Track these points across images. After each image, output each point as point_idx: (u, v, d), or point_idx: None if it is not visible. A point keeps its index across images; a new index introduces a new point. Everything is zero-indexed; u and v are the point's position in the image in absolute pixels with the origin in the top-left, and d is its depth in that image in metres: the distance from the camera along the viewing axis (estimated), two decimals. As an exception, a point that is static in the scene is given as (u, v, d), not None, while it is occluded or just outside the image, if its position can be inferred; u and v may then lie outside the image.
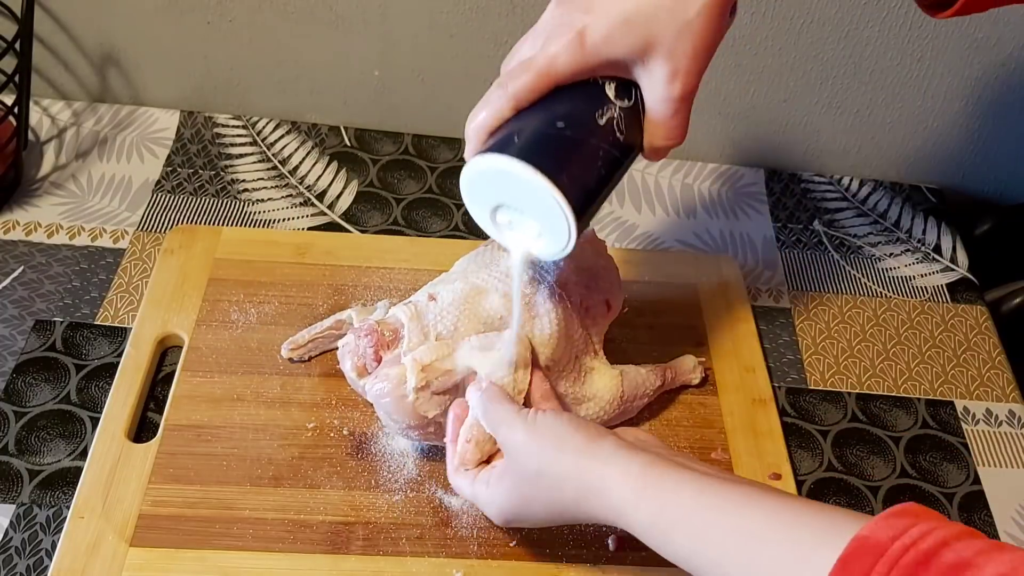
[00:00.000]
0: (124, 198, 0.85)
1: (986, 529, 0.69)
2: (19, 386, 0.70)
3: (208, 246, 0.78)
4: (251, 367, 0.70)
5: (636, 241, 0.87)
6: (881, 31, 0.87)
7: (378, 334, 0.62)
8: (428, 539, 0.63)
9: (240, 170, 0.89)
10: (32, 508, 0.64)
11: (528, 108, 0.53)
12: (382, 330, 0.62)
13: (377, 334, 0.62)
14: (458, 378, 0.61)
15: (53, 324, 0.74)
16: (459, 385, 0.61)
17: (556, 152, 0.51)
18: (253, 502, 0.63)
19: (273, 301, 0.75)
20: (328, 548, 0.61)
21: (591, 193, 0.53)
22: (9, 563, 0.61)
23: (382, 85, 0.93)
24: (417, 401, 0.60)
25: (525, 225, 0.55)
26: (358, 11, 0.87)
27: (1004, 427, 0.76)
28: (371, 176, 0.91)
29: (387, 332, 0.62)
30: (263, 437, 0.66)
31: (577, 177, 0.51)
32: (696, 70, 0.52)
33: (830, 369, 0.79)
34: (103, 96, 0.94)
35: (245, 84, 0.93)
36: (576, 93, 0.53)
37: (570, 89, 0.53)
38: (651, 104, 0.54)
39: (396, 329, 0.62)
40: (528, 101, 0.53)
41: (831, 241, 0.90)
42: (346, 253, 0.79)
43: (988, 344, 0.82)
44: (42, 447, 0.67)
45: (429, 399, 0.60)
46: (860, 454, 0.73)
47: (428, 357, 0.60)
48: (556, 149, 0.51)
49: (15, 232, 0.80)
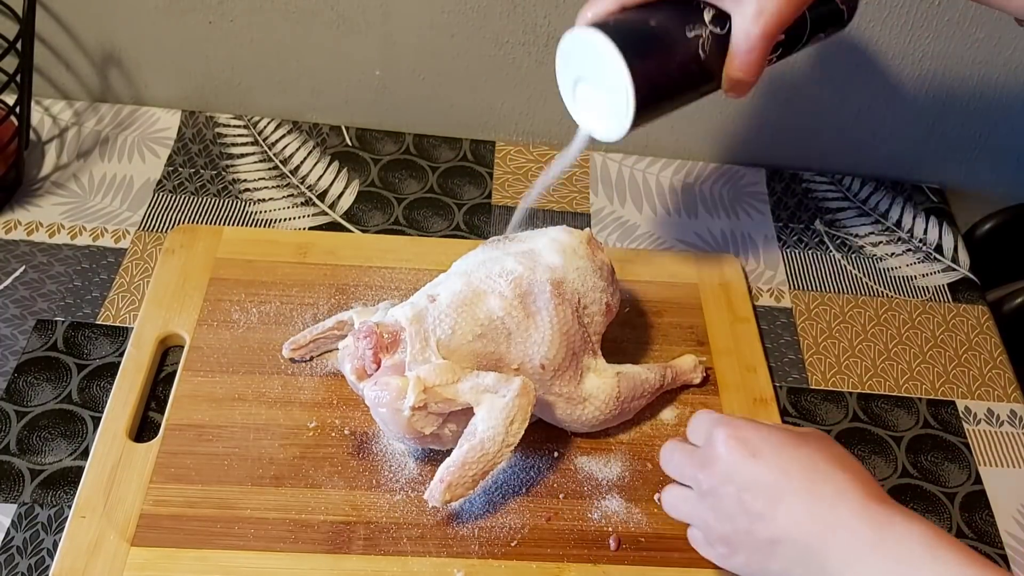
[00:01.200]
0: (125, 198, 0.85)
1: (987, 529, 0.69)
2: (20, 386, 0.70)
3: (209, 246, 0.78)
4: (252, 367, 0.71)
5: (637, 241, 0.87)
6: (883, 30, 0.86)
7: (377, 336, 0.62)
8: (429, 538, 0.63)
9: (241, 170, 0.89)
10: (33, 508, 0.64)
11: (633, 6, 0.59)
12: (381, 332, 0.62)
13: (376, 336, 0.62)
14: (457, 408, 0.61)
15: (54, 324, 0.74)
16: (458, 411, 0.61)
17: (639, 42, 0.57)
18: (254, 502, 0.63)
19: (274, 301, 0.75)
20: (329, 548, 0.61)
21: (658, 89, 0.58)
22: (11, 562, 0.61)
23: (383, 85, 0.93)
24: (413, 418, 0.60)
25: (596, 101, 0.60)
26: (359, 11, 0.87)
27: (1005, 427, 0.76)
28: (372, 176, 0.91)
29: (386, 335, 0.62)
30: (264, 437, 0.67)
31: (650, 69, 0.57)
32: (778, 14, 0.58)
33: (831, 369, 0.79)
34: (104, 96, 0.94)
35: (246, 84, 0.93)
36: (677, 4, 0.59)
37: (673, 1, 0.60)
38: (735, 35, 0.59)
39: (396, 332, 0.62)
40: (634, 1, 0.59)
41: (832, 241, 0.90)
42: (347, 253, 0.79)
43: (989, 344, 0.82)
44: (43, 447, 0.67)
45: (425, 417, 0.60)
46: (861, 454, 0.73)
47: (433, 379, 0.60)
48: (639, 39, 0.57)
49: (16, 232, 0.80)
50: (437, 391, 0.60)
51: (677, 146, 0.97)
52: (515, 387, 0.61)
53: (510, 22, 0.87)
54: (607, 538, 0.64)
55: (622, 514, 0.65)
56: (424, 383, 0.59)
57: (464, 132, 0.96)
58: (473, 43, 0.89)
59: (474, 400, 0.61)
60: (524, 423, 0.61)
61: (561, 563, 0.62)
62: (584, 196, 0.91)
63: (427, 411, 0.60)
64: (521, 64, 0.91)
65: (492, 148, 0.95)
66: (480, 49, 0.89)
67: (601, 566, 0.62)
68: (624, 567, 0.63)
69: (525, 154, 0.95)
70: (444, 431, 0.62)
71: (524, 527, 0.64)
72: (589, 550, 0.63)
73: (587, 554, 0.63)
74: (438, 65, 0.91)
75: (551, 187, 0.60)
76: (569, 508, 0.65)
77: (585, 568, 0.62)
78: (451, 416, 0.61)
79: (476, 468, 0.60)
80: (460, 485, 0.60)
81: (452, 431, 0.62)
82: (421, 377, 0.60)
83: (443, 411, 0.61)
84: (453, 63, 0.91)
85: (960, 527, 0.69)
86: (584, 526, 0.64)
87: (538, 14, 0.87)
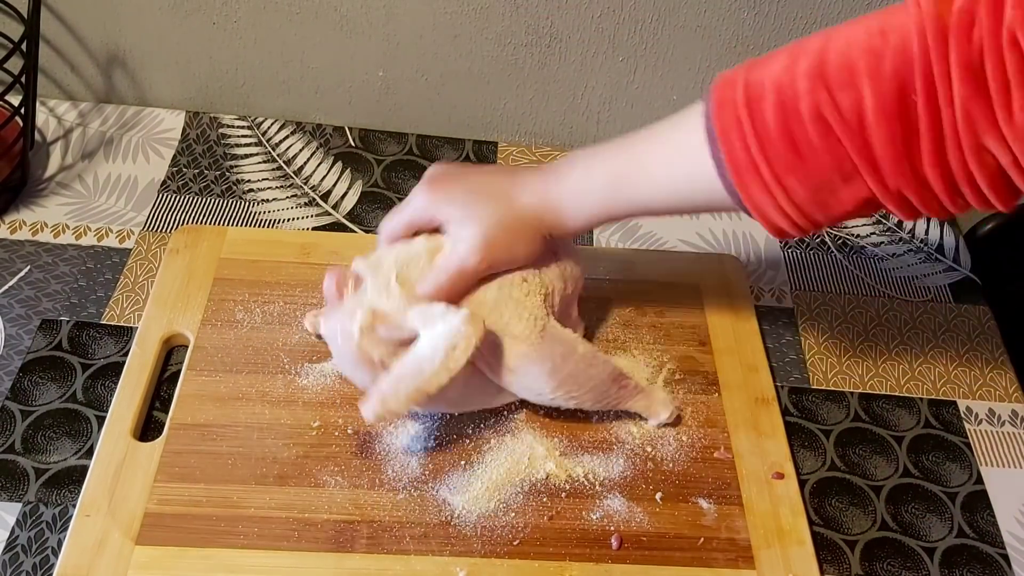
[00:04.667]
0: (130, 198, 0.85)
1: (989, 529, 0.69)
2: (26, 385, 0.70)
3: (213, 246, 0.78)
4: (256, 366, 0.71)
5: (639, 241, 0.88)
6: (884, 31, 0.87)
7: (339, 274, 0.65)
8: (432, 537, 0.63)
9: (245, 170, 0.89)
10: (38, 506, 0.64)
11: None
12: (346, 273, 0.65)
13: (339, 274, 0.65)
14: (404, 335, 0.61)
15: (59, 323, 0.74)
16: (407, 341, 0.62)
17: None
18: (258, 501, 0.63)
19: (278, 301, 0.75)
20: (332, 546, 0.62)
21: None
22: (15, 561, 0.61)
23: (386, 85, 0.93)
24: (363, 340, 0.61)
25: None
26: (363, 12, 0.87)
27: (1007, 427, 0.76)
28: (375, 176, 0.91)
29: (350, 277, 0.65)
30: (268, 436, 0.67)
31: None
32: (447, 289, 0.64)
33: (833, 369, 0.79)
34: (109, 97, 0.95)
35: (250, 84, 0.93)
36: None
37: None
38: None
39: (360, 277, 0.65)
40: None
41: (834, 241, 0.90)
42: (351, 253, 0.79)
43: (991, 344, 0.82)
44: (48, 446, 0.67)
45: (375, 342, 0.61)
46: (863, 454, 0.73)
47: (383, 306, 0.61)
48: None
49: (22, 232, 0.81)
50: (385, 315, 0.61)
51: (679, 146, 0.97)
52: (462, 314, 0.60)
53: (512, 23, 0.87)
54: (609, 537, 0.64)
55: (624, 513, 0.65)
56: (372, 308, 0.61)
57: (467, 133, 0.96)
58: (476, 44, 0.89)
59: (422, 325, 0.61)
60: (467, 352, 0.60)
61: (563, 562, 0.63)
62: (586, 196, 0.91)
63: (377, 336, 0.61)
64: (523, 65, 0.91)
65: (494, 149, 0.95)
66: (483, 50, 0.90)
67: (603, 565, 0.63)
68: (626, 566, 0.63)
69: (527, 155, 0.95)
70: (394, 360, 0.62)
71: (526, 526, 0.64)
72: (591, 549, 0.63)
73: (589, 553, 0.63)
74: (441, 66, 0.91)
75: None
76: (571, 507, 0.65)
77: (587, 567, 0.62)
78: (401, 350, 0.62)
79: (410, 384, 0.59)
80: (393, 400, 0.59)
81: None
82: (374, 304, 0.61)
83: (392, 337, 0.61)
84: (456, 64, 0.91)
85: (961, 527, 0.69)
86: (586, 525, 0.65)
87: (540, 15, 0.87)
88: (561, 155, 0.95)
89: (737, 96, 0.55)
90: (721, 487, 0.68)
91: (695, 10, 0.86)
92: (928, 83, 0.49)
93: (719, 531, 0.65)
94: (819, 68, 0.52)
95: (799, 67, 0.53)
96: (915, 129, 0.50)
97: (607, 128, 0.95)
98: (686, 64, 0.90)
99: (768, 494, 0.67)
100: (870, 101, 0.51)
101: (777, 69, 0.54)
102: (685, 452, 0.69)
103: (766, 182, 0.55)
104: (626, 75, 0.91)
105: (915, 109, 0.50)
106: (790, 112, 0.53)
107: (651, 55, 0.89)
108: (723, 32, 0.87)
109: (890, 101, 0.50)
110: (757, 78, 0.55)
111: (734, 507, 0.66)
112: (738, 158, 0.55)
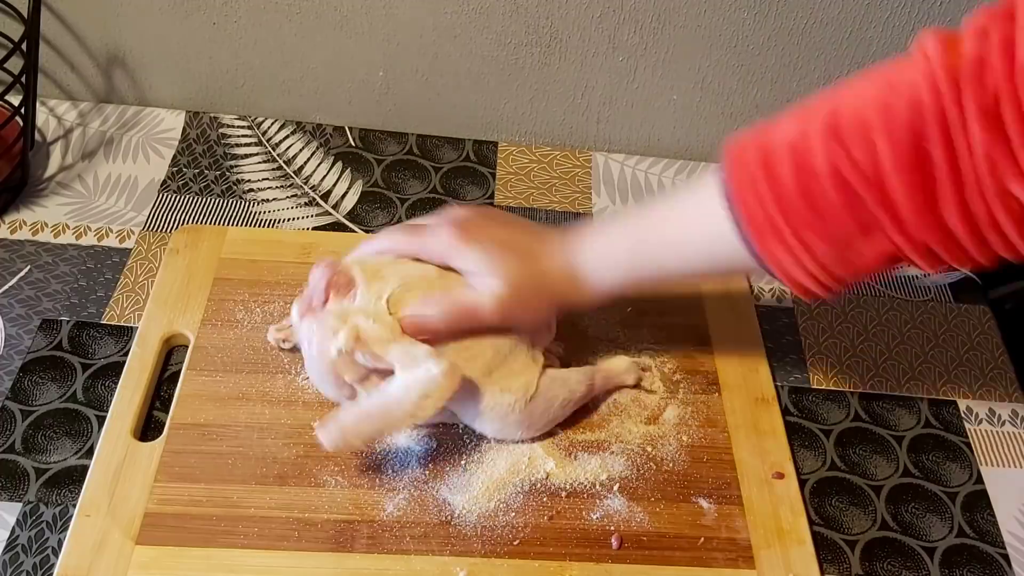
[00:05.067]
0: (130, 198, 0.85)
1: (989, 529, 0.69)
2: (26, 385, 0.70)
3: (213, 246, 0.78)
4: (256, 366, 0.71)
5: (639, 241, 0.88)
6: (884, 31, 0.87)
7: (333, 273, 0.62)
8: (432, 537, 0.63)
9: (245, 170, 0.89)
10: (39, 506, 0.64)
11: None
12: (339, 272, 0.62)
13: (332, 272, 0.62)
14: (383, 366, 0.60)
15: (59, 323, 0.74)
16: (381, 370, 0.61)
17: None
18: (258, 500, 0.63)
19: (278, 301, 0.75)
20: (333, 546, 0.62)
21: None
22: (16, 561, 0.61)
23: (386, 85, 0.93)
24: (338, 360, 0.60)
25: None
26: (363, 12, 0.87)
27: (1007, 427, 0.76)
28: (376, 176, 0.91)
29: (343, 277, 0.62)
30: (268, 436, 0.67)
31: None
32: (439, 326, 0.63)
33: (833, 368, 0.79)
34: (109, 97, 0.95)
35: (250, 84, 0.93)
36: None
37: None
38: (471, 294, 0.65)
39: (352, 280, 0.62)
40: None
41: (834, 241, 0.90)
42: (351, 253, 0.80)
43: (991, 344, 0.82)
44: (48, 445, 0.67)
45: (350, 364, 0.60)
46: (863, 453, 0.73)
47: (368, 332, 0.60)
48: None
49: (22, 232, 0.81)
50: (369, 344, 0.59)
51: (679, 146, 0.97)
52: (442, 366, 0.59)
53: (513, 23, 0.87)
54: (609, 537, 0.64)
55: (624, 513, 0.65)
56: (359, 332, 0.59)
57: (467, 132, 0.96)
58: (476, 44, 0.89)
59: (400, 364, 0.60)
60: (438, 403, 0.59)
61: (563, 562, 0.63)
62: (586, 196, 0.91)
63: (352, 359, 0.60)
64: (524, 65, 0.91)
65: (495, 148, 0.95)
66: (483, 50, 0.90)
67: (603, 565, 0.63)
68: (626, 566, 0.63)
69: (528, 154, 0.95)
70: (364, 385, 0.62)
71: (526, 526, 0.64)
72: (591, 549, 0.63)
73: (589, 553, 0.63)
74: (441, 66, 0.91)
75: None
76: (571, 507, 0.65)
77: (587, 567, 0.62)
78: (374, 375, 0.61)
79: (373, 425, 0.60)
80: (353, 435, 0.60)
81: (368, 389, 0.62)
82: (358, 326, 0.60)
83: (368, 364, 0.60)
84: (456, 64, 0.91)
85: (962, 527, 0.69)
86: (586, 525, 0.65)
87: (540, 14, 0.87)
88: (561, 155, 0.95)
89: (751, 157, 0.56)
90: (721, 487, 0.68)
91: (695, 10, 0.86)
92: (944, 131, 0.49)
93: (719, 531, 0.65)
94: (832, 126, 0.53)
95: (811, 126, 0.54)
96: (934, 178, 0.50)
97: (607, 128, 0.95)
98: (686, 64, 0.90)
99: (768, 494, 0.67)
100: (886, 154, 0.51)
101: (789, 129, 0.55)
102: (685, 452, 0.69)
103: (786, 241, 0.55)
104: (626, 75, 0.91)
105: (931, 159, 0.50)
106: (806, 170, 0.54)
107: (651, 55, 0.89)
108: (723, 32, 0.87)
109: (906, 152, 0.50)
110: (770, 139, 0.56)
111: (734, 507, 0.66)
112: (757, 218, 0.56)
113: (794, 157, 0.54)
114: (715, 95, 0.92)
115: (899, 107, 0.51)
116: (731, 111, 0.94)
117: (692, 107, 0.94)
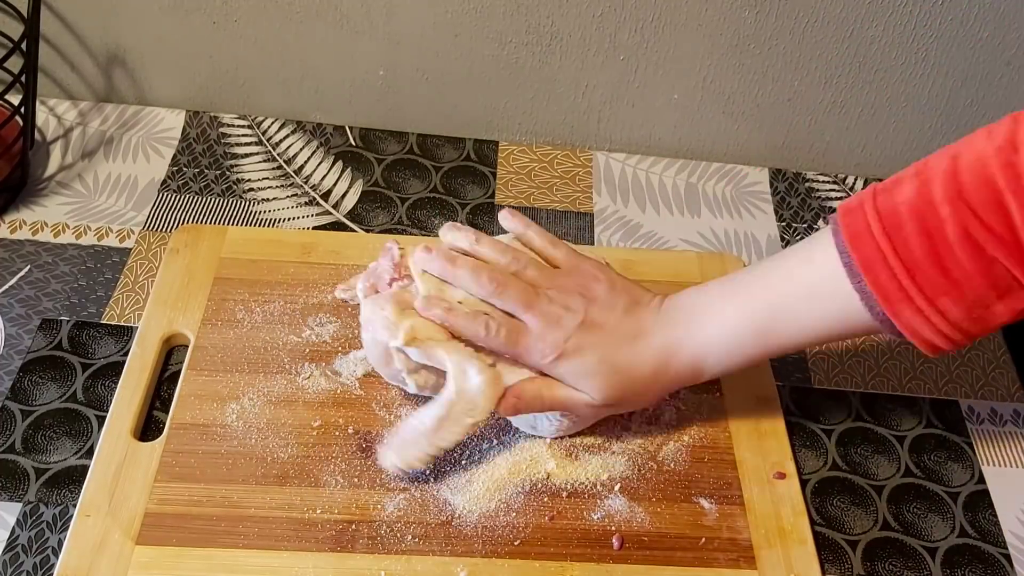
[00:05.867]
0: (130, 198, 0.85)
1: (990, 529, 0.69)
2: (26, 385, 0.70)
3: (214, 245, 0.78)
4: (256, 366, 0.71)
5: (640, 240, 0.88)
6: (885, 30, 0.86)
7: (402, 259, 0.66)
8: (433, 537, 0.63)
9: (245, 169, 0.89)
10: (39, 506, 0.64)
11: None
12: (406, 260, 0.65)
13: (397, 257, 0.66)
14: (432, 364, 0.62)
15: (59, 323, 0.74)
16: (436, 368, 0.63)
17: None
18: (258, 500, 0.63)
19: (278, 300, 0.75)
20: (333, 546, 0.62)
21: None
22: (16, 561, 0.61)
23: (387, 85, 0.93)
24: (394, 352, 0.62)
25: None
26: (363, 11, 0.87)
27: (1009, 426, 0.76)
28: (376, 175, 0.91)
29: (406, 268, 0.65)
30: (268, 436, 0.67)
31: None
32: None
33: (834, 368, 0.79)
34: (109, 96, 0.95)
35: (250, 84, 0.93)
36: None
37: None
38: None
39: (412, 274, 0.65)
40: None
41: (835, 240, 0.90)
42: (351, 252, 0.80)
43: (993, 344, 0.82)
44: (48, 445, 0.67)
45: (403, 357, 0.62)
46: (864, 453, 0.73)
47: (425, 332, 0.61)
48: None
49: (22, 231, 0.81)
50: (424, 342, 0.61)
51: (680, 146, 0.97)
52: (486, 378, 0.61)
53: (513, 22, 0.87)
54: (610, 537, 0.64)
55: (625, 513, 0.65)
56: (414, 333, 0.61)
57: (467, 132, 0.96)
58: (476, 43, 0.89)
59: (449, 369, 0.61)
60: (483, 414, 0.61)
61: (564, 562, 0.62)
62: (587, 196, 0.91)
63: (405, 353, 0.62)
64: (524, 64, 0.91)
65: (495, 148, 0.95)
66: (483, 49, 0.90)
67: (605, 565, 0.63)
68: (627, 566, 0.63)
69: (528, 154, 0.95)
70: (413, 377, 0.63)
71: (527, 526, 0.64)
72: (592, 549, 0.63)
73: (590, 553, 0.63)
74: (441, 65, 0.91)
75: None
76: (572, 507, 0.65)
77: (588, 567, 0.62)
78: (424, 370, 0.63)
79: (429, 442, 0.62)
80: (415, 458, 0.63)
81: (418, 381, 0.64)
82: (414, 327, 0.61)
83: (421, 361, 0.62)
84: (456, 63, 0.91)
85: (963, 527, 0.69)
86: (587, 525, 0.64)
87: (541, 14, 0.87)
88: (562, 154, 0.95)
89: (871, 226, 0.56)
90: (722, 487, 0.67)
91: (696, 9, 0.85)
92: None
93: (720, 531, 0.65)
94: (956, 190, 0.53)
95: (934, 191, 0.54)
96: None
97: (608, 127, 0.95)
98: (687, 63, 0.90)
99: (769, 494, 0.67)
100: (1019, 216, 0.51)
101: (909, 194, 0.55)
102: (686, 452, 0.69)
103: (920, 308, 0.55)
104: (627, 74, 0.91)
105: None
106: (936, 238, 0.54)
107: (652, 54, 0.89)
108: (724, 31, 0.87)
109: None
110: (889, 205, 0.56)
111: (735, 507, 0.66)
112: (887, 288, 0.56)
113: (921, 224, 0.54)
114: (716, 94, 0.92)
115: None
116: (732, 110, 0.94)
117: (693, 106, 0.93)
